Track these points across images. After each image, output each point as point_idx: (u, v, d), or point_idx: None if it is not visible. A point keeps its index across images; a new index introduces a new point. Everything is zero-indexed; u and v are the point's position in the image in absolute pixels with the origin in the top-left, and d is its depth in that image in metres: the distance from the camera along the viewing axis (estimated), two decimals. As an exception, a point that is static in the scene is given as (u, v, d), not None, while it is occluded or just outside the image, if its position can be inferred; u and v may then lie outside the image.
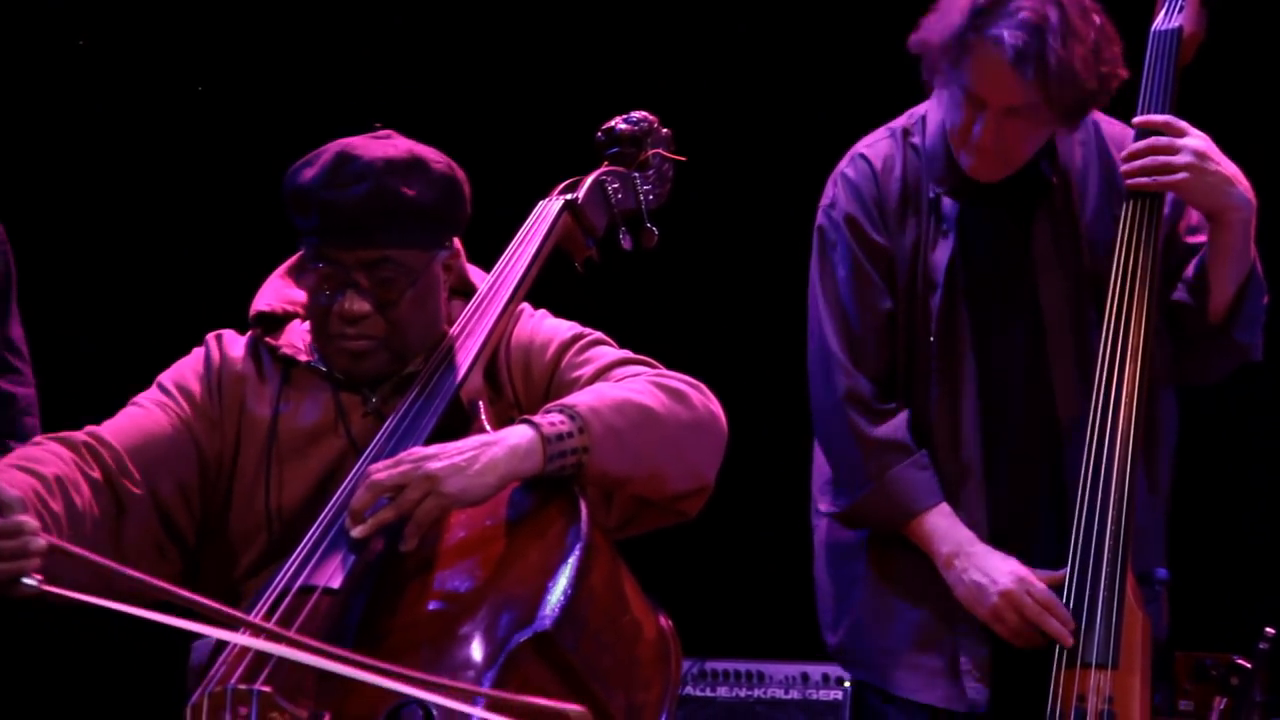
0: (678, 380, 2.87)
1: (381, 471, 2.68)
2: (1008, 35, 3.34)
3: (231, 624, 2.48)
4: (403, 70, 5.14)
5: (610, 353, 2.95)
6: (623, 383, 2.84)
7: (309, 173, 2.86)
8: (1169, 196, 3.51)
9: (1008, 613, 3.41)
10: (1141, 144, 3.47)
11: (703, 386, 2.89)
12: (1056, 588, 3.41)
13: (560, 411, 2.73)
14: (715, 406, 2.89)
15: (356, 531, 2.68)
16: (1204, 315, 3.50)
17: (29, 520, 2.53)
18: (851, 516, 3.58)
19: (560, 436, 2.70)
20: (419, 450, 2.71)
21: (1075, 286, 3.54)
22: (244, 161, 4.95)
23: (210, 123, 5.12)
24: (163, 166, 5.14)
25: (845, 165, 3.61)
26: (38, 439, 2.88)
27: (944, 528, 3.49)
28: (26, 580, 2.46)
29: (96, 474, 2.82)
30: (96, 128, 5.12)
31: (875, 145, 3.61)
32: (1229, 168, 3.44)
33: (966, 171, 3.50)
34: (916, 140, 3.57)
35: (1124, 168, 3.49)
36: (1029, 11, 3.35)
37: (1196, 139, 3.45)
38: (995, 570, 3.44)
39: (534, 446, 2.69)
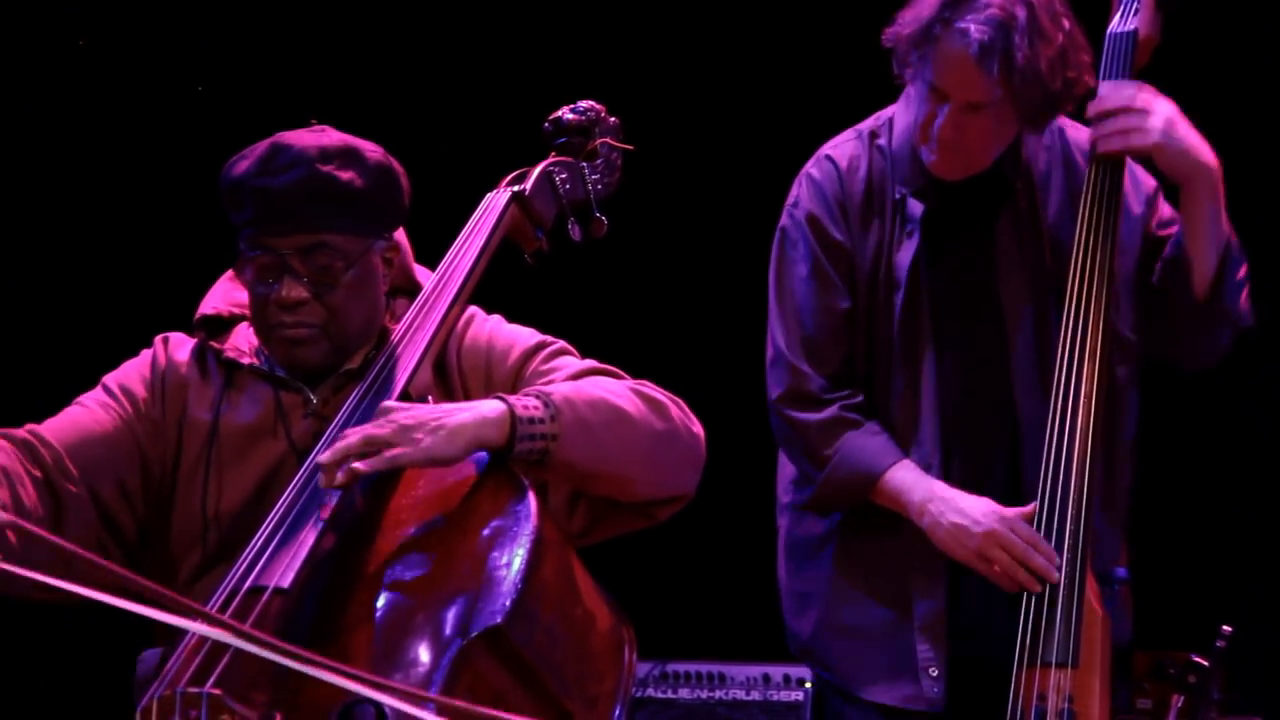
0: (659, 393, 2.86)
1: (354, 434, 2.65)
2: (974, 29, 3.34)
3: (185, 613, 2.43)
4: (346, 64, 5.11)
5: (576, 362, 2.94)
6: (602, 383, 2.83)
7: (243, 165, 2.88)
8: (1128, 189, 3.49)
9: (995, 551, 3.37)
10: (1114, 103, 3.44)
11: (684, 405, 2.88)
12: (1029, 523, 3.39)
13: (536, 397, 2.72)
14: (695, 426, 2.88)
15: (325, 480, 2.64)
16: (1190, 291, 3.47)
17: None
18: (819, 503, 3.55)
19: (532, 420, 2.68)
20: (391, 404, 2.70)
21: (1037, 288, 3.53)
22: (198, 161, 4.91)
23: (160, 124, 5.09)
24: (118, 167, 5.10)
25: (811, 166, 3.62)
26: None
27: (910, 480, 3.45)
28: None
29: (38, 472, 2.83)
30: (42, 128, 5.08)
31: (841, 146, 3.61)
32: (1194, 135, 3.43)
33: (928, 168, 3.49)
34: (883, 142, 3.57)
35: (1093, 118, 3.45)
36: (997, 9, 3.35)
37: (1166, 104, 3.44)
38: (974, 510, 3.40)
39: (504, 419, 2.68)
